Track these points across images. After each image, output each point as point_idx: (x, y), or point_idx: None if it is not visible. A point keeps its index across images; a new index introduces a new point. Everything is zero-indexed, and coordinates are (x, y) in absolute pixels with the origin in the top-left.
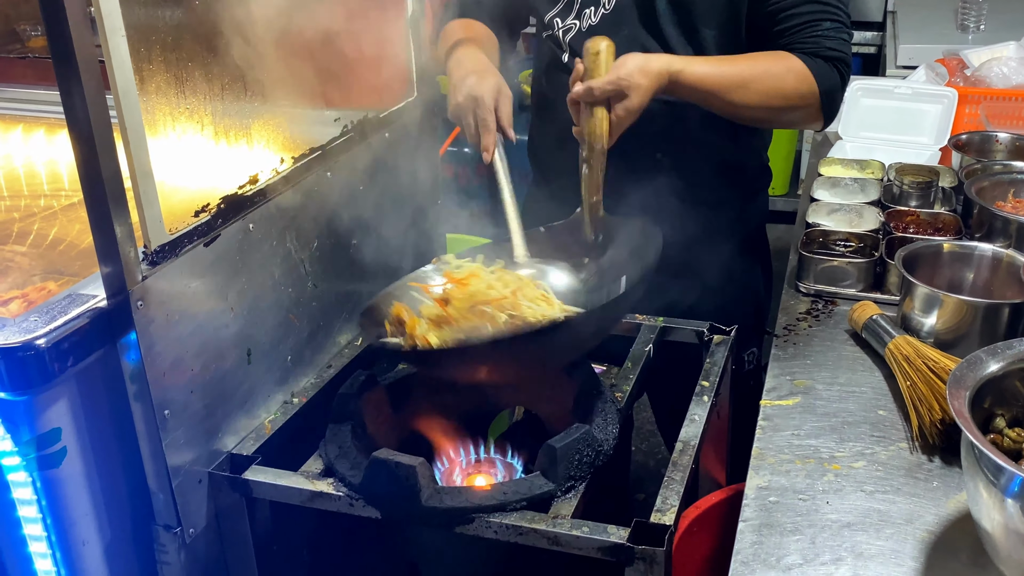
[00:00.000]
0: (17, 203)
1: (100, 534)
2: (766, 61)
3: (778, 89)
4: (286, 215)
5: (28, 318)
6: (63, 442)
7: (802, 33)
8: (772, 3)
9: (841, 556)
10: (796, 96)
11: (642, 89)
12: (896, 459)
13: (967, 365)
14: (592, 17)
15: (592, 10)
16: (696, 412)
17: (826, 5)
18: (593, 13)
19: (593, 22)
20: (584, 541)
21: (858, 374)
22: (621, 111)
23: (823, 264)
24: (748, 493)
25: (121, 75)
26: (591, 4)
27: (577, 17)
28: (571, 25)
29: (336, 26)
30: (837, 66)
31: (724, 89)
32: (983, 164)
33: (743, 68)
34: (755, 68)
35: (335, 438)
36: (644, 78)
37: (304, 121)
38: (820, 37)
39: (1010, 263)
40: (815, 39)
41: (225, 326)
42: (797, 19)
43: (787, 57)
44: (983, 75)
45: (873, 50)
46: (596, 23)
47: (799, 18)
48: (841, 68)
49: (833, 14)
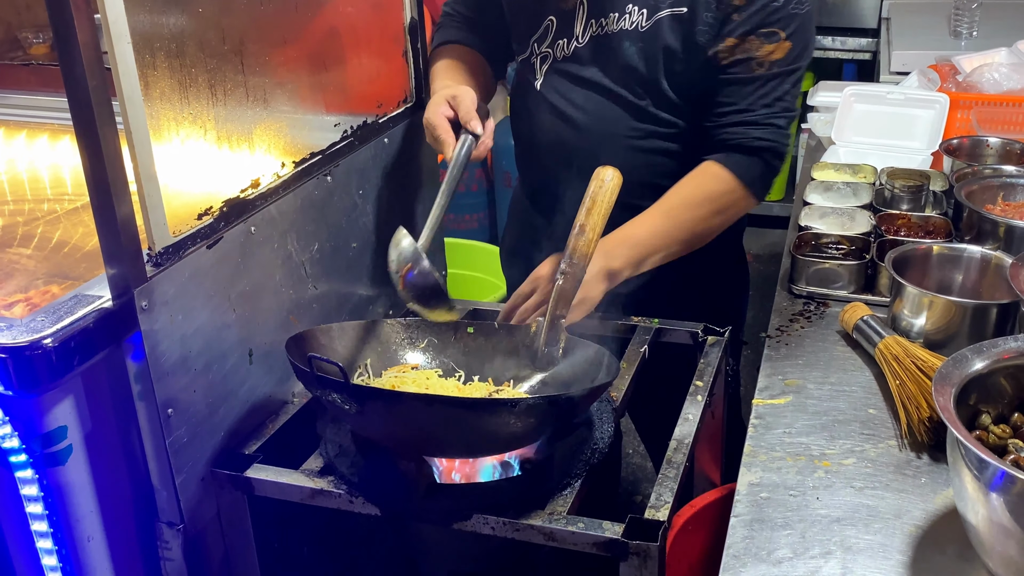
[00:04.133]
0: (21, 207)
1: (104, 530)
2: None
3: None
4: (287, 218)
5: (35, 318)
6: (68, 440)
7: (735, 116)
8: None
9: (830, 550)
10: (728, 204)
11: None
12: (885, 456)
13: (953, 363)
14: (566, 48)
15: (565, 42)
16: (690, 411)
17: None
18: (566, 45)
19: (567, 53)
20: (579, 537)
21: (849, 374)
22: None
23: (815, 266)
24: (740, 489)
25: (127, 81)
26: (564, 36)
27: (551, 47)
28: (546, 53)
29: (336, 32)
30: (763, 156)
31: (667, 255)
32: (974, 168)
33: (676, 229)
34: (683, 214)
35: (335, 437)
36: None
37: (305, 126)
38: (751, 126)
39: (998, 264)
40: (745, 127)
41: (227, 327)
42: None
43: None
44: (974, 81)
45: (867, 56)
46: (570, 55)
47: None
48: (767, 157)
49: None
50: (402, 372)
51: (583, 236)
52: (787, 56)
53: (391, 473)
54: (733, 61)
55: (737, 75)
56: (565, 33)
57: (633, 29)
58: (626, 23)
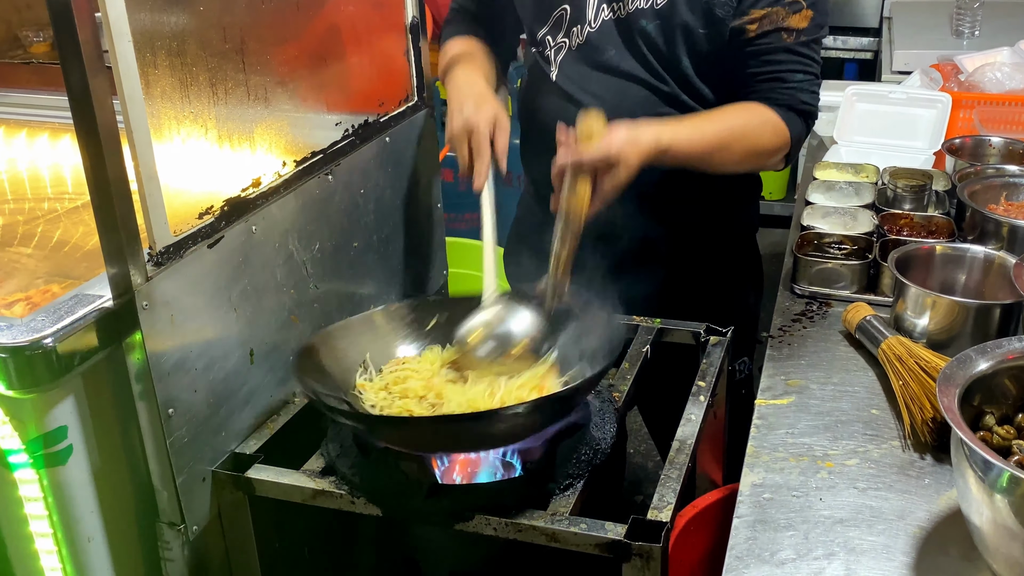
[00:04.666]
0: (21, 206)
1: (105, 531)
2: (745, 117)
3: (757, 146)
4: (288, 217)
5: (36, 318)
6: (69, 440)
7: (778, 82)
8: (751, 43)
9: (834, 551)
10: (773, 149)
11: (631, 164)
12: (888, 457)
13: (957, 363)
14: (580, 35)
15: (579, 28)
16: (692, 412)
17: (801, 56)
18: (580, 31)
19: (581, 40)
20: (582, 538)
21: (851, 374)
22: (608, 185)
23: (818, 266)
24: (743, 490)
25: (127, 80)
26: (578, 23)
27: (566, 35)
28: (561, 43)
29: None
30: (806, 119)
31: (708, 153)
32: (976, 168)
33: (724, 129)
34: (734, 128)
35: (336, 437)
36: (634, 152)
37: (306, 125)
38: (795, 89)
39: (1002, 264)
40: (790, 91)
41: (228, 326)
42: (775, 66)
43: (763, 111)
44: (977, 80)
45: (869, 55)
46: (583, 42)
47: (776, 66)
48: (809, 121)
49: (807, 65)
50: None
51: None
52: (811, 25)
53: (393, 474)
54: (762, 32)
55: (769, 45)
56: (579, 20)
57: (649, 7)
58: (641, 2)
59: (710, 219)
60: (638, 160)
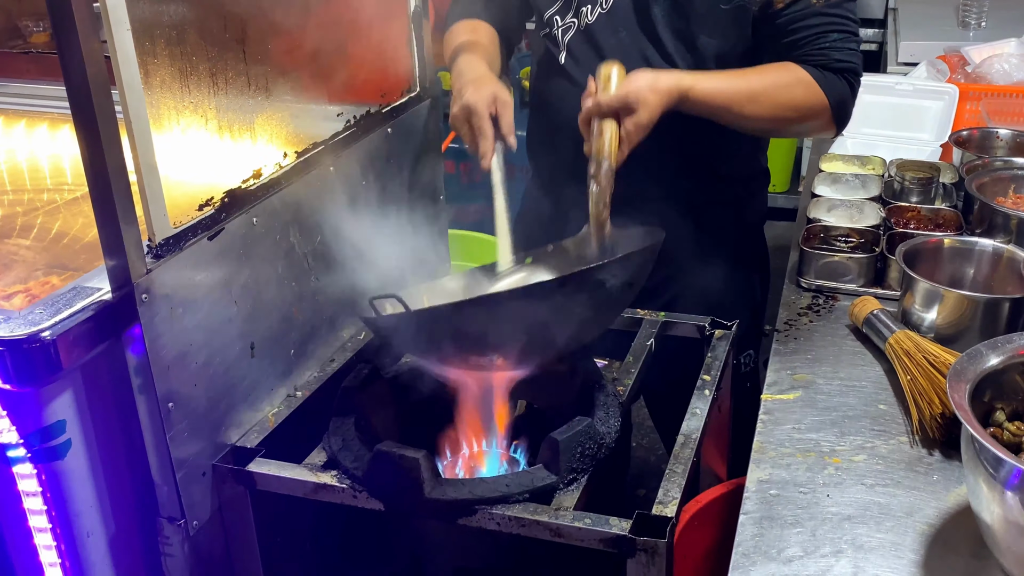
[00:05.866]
0: (20, 197)
1: (104, 526)
2: (775, 73)
3: (788, 101)
4: (289, 209)
5: (33, 311)
6: (68, 434)
7: (810, 45)
8: (780, 15)
9: (841, 548)
10: (806, 108)
11: (651, 105)
12: (896, 453)
13: (967, 359)
14: (589, 16)
15: (589, 8)
16: (697, 406)
17: (834, 16)
18: (590, 12)
19: (590, 21)
20: (586, 533)
21: (859, 369)
22: (631, 126)
23: (824, 260)
24: (749, 486)
25: (126, 70)
26: (588, 2)
27: (575, 15)
28: (570, 24)
29: (339, 21)
30: (846, 76)
31: (734, 103)
32: (984, 160)
33: (752, 81)
34: (764, 81)
35: (338, 431)
36: (653, 94)
37: (307, 116)
38: (828, 49)
39: (1010, 258)
40: (823, 51)
41: (229, 319)
42: (805, 31)
43: (795, 69)
44: (984, 72)
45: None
46: (592, 22)
47: (808, 30)
48: (850, 78)
49: (841, 24)
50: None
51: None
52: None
53: (395, 468)
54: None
55: (799, 11)
56: (589, 1)
57: None
58: None
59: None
60: (658, 102)
